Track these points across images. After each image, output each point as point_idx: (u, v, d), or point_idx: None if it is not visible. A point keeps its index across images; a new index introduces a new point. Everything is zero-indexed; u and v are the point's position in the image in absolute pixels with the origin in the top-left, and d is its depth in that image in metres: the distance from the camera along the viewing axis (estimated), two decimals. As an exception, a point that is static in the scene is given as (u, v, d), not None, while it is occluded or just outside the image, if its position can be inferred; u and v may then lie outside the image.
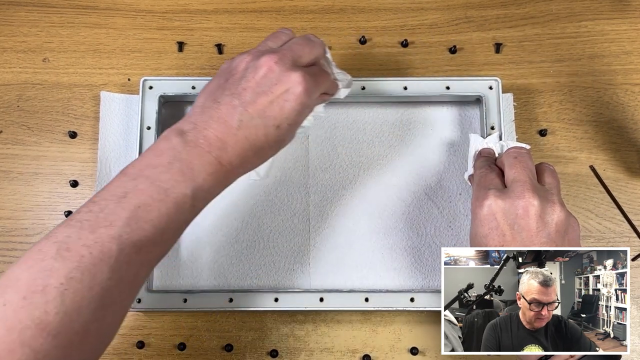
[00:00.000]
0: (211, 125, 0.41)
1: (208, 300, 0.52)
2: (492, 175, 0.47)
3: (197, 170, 0.40)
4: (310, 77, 0.44)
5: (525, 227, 0.43)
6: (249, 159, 0.42)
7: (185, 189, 0.39)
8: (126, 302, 0.40)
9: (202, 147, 0.40)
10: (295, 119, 0.43)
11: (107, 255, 0.36)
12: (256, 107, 0.42)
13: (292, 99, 0.42)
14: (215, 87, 0.44)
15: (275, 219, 0.55)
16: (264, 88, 0.42)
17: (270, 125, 0.42)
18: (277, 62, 0.43)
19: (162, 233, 0.39)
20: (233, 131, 0.41)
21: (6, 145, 0.58)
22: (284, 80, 0.42)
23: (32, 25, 0.61)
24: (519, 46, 0.61)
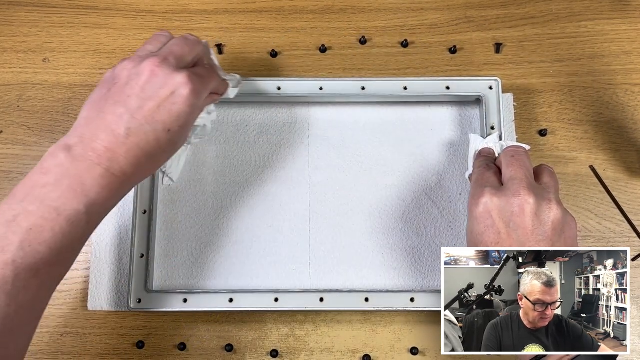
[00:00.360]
0: (99, 136, 0.40)
1: (208, 300, 0.52)
2: (489, 174, 0.47)
3: (88, 185, 0.39)
4: (196, 77, 0.43)
5: (520, 225, 0.42)
6: (142, 166, 0.42)
7: (77, 205, 0.38)
8: (29, 327, 0.39)
9: (92, 160, 0.39)
10: (186, 120, 0.43)
11: (3, 282, 0.35)
12: (144, 113, 0.41)
13: (180, 101, 0.42)
14: (99, 97, 0.43)
15: (275, 219, 0.55)
16: (150, 93, 0.42)
17: (160, 130, 0.41)
18: (159, 66, 0.42)
19: (59, 253, 0.38)
20: (122, 140, 0.40)
21: (6, 145, 0.58)
22: (169, 83, 0.42)
23: (32, 25, 0.61)
24: (519, 46, 0.61)
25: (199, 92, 0.43)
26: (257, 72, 0.60)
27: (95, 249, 0.54)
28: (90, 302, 0.53)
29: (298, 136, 0.58)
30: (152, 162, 0.43)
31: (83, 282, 0.54)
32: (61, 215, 0.38)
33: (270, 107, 0.58)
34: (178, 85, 0.42)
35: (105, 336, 0.53)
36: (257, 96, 0.56)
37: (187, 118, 0.43)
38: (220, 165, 0.57)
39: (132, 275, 0.52)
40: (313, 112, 0.58)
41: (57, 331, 0.53)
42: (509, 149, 0.48)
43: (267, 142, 0.57)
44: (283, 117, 0.58)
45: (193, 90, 0.43)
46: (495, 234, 0.43)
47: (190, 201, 0.56)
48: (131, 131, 0.41)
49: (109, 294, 0.53)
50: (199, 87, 0.43)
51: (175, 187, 0.56)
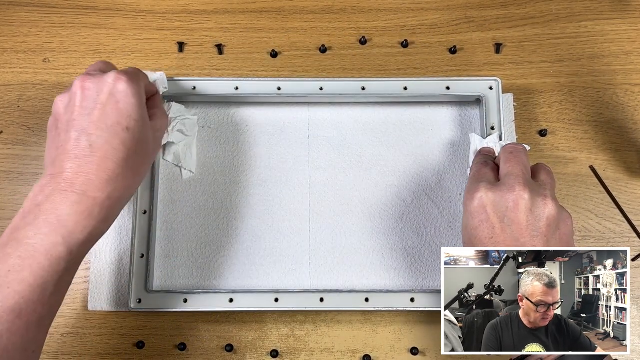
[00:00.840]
0: (65, 166, 0.40)
1: (208, 300, 0.52)
2: (486, 169, 0.47)
3: (64, 215, 0.39)
4: (124, 71, 0.44)
5: (515, 220, 0.42)
6: (120, 177, 0.41)
7: (55, 238, 0.38)
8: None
9: (64, 190, 0.39)
10: (139, 112, 0.43)
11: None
12: (95, 124, 0.41)
13: (122, 96, 0.42)
14: (51, 140, 0.43)
15: (275, 219, 0.55)
16: (90, 105, 0.42)
17: (120, 131, 0.41)
18: (86, 79, 0.43)
19: (42, 290, 0.37)
20: (88, 159, 0.40)
21: (7, 145, 0.58)
22: (103, 87, 0.42)
23: (32, 25, 0.61)
24: (519, 46, 0.61)
25: (133, 80, 0.43)
26: (257, 72, 0.60)
27: (95, 249, 0.54)
28: (90, 302, 0.53)
29: (298, 136, 0.58)
30: (130, 168, 0.42)
31: (83, 282, 0.54)
32: (38, 251, 0.37)
33: (270, 107, 0.58)
34: (112, 83, 0.42)
35: (105, 336, 0.53)
36: (257, 96, 0.56)
37: (139, 110, 0.43)
38: (220, 165, 0.57)
39: (132, 276, 0.52)
40: (313, 112, 0.58)
41: (57, 331, 0.53)
42: (508, 145, 0.48)
43: (267, 142, 0.57)
44: (283, 117, 0.58)
45: (129, 81, 0.43)
46: (489, 228, 0.43)
47: (190, 201, 0.56)
48: (93, 146, 0.40)
49: (109, 294, 0.53)
50: (131, 76, 0.44)
51: (175, 187, 0.56)
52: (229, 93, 0.56)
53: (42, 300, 0.38)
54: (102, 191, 0.40)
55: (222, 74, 0.60)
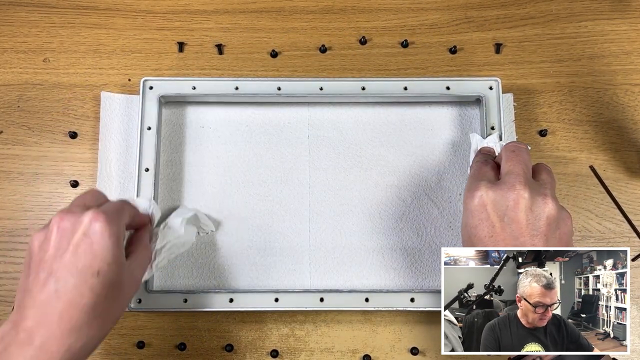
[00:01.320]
0: (27, 314, 0.38)
1: (208, 300, 0.52)
2: (486, 168, 0.47)
3: (10, 355, 0.36)
4: (104, 209, 0.41)
5: (514, 218, 0.42)
6: (85, 327, 0.38)
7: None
8: None
9: (22, 343, 0.37)
10: (114, 254, 0.39)
11: None
12: (65, 266, 0.38)
13: (97, 237, 0.39)
14: (23, 279, 0.40)
15: (275, 219, 0.55)
16: (64, 245, 0.39)
17: (89, 276, 0.38)
18: (64, 217, 0.40)
19: None
20: (52, 306, 0.37)
21: (7, 145, 0.58)
22: (78, 227, 0.39)
23: (32, 25, 0.61)
24: (519, 46, 0.61)
25: (112, 219, 0.40)
26: (257, 72, 0.60)
27: (95, 249, 0.54)
28: (91, 302, 0.53)
29: (298, 136, 0.58)
30: (97, 316, 0.39)
31: (83, 282, 0.54)
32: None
33: (270, 107, 0.58)
34: (88, 224, 0.39)
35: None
36: (257, 96, 0.56)
37: (114, 251, 0.39)
38: (220, 165, 0.57)
39: (132, 275, 0.52)
40: (313, 112, 0.58)
41: (57, 331, 0.53)
42: (510, 144, 0.47)
43: (267, 142, 0.57)
44: (283, 117, 0.58)
45: (106, 220, 0.39)
46: (489, 227, 0.43)
47: (190, 201, 0.56)
48: (59, 291, 0.38)
49: (109, 294, 0.53)
50: (112, 215, 0.40)
51: (175, 187, 0.56)
52: (229, 93, 0.56)
53: None
54: (62, 344, 0.37)
55: (222, 74, 0.60)
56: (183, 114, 0.58)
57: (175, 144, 0.57)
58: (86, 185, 0.56)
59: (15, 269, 0.54)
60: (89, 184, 0.56)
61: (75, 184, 0.56)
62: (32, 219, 0.56)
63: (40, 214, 0.56)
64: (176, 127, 0.58)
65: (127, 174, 0.56)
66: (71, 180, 0.56)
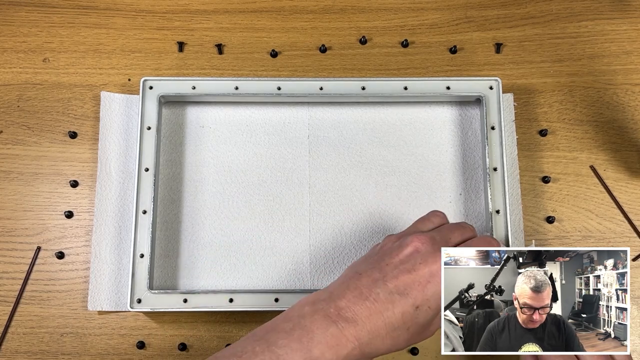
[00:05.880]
0: (346, 294, 0.40)
1: (208, 300, 0.52)
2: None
3: (316, 341, 0.38)
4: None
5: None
6: (381, 337, 0.39)
7: (297, 358, 0.37)
8: None
9: (330, 317, 0.39)
10: (437, 304, 0.41)
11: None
12: (397, 282, 0.40)
13: (437, 281, 0.40)
14: (361, 261, 0.43)
15: (275, 219, 0.55)
16: (408, 266, 0.41)
17: (409, 304, 0.40)
18: (424, 243, 0.42)
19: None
20: (368, 304, 0.39)
21: (6, 145, 0.58)
22: (430, 262, 0.41)
23: (32, 25, 0.61)
24: (519, 46, 0.61)
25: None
26: (257, 72, 0.60)
27: (95, 249, 0.54)
28: (90, 302, 0.53)
29: (298, 136, 0.58)
30: (390, 337, 0.40)
31: (83, 282, 0.54)
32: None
33: (270, 107, 0.58)
34: (437, 267, 0.41)
35: (105, 336, 0.53)
36: (257, 96, 0.56)
37: (438, 302, 0.41)
38: (220, 165, 0.57)
39: (132, 276, 0.52)
40: (313, 112, 0.58)
41: (57, 331, 0.53)
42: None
43: (267, 142, 0.57)
44: (283, 117, 0.58)
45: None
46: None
47: (190, 201, 0.56)
48: (379, 297, 0.39)
49: (109, 294, 0.53)
50: None
51: (175, 187, 0.56)
52: (228, 93, 0.56)
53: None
54: (358, 339, 0.39)
55: (222, 73, 0.60)
56: (183, 113, 0.58)
57: (175, 144, 0.57)
58: (86, 185, 0.56)
59: (15, 268, 0.54)
60: (88, 184, 0.56)
61: (75, 183, 0.56)
62: (32, 219, 0.56)
63: (40, 214, 0.56)
64: (176, 127, 0.58)
65: (127, 174, 0.56)
66: (71, 180, 0.56)
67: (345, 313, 0.39)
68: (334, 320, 0.39)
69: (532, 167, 0.57)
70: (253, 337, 0.39)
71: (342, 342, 0.38)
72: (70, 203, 0.56)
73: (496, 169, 0.54)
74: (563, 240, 0.55)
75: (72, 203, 0.56)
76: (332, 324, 0.38)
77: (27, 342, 0.53)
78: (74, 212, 0.56)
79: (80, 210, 0.56)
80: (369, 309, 0.39)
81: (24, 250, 0.55)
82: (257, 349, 0.38)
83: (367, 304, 0.39)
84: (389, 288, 0.40)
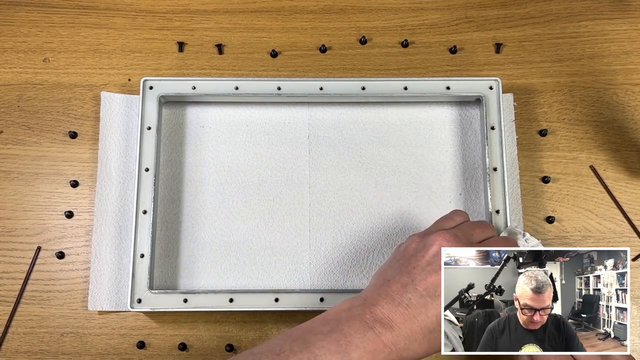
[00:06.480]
0: (379, 302, 0.40)
1: (208, 300, 0.52)
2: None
3: (354, 345, 0.38)
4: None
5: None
6: (417, 342, 0.40)
7: (335, 359, 0.38)
8: None
9: (366, 322, 0.39)
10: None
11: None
12: (426, 284, 0.41)
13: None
14: (387, 267, 0.44)
15: (275, 219, 0.55)
16: (435, 266, 0.41)
17: (437, 308, 0.40)
18: (448, 240, 0.42)
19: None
20: (401, 310, 0.40)
21: (7, 145, 0.58)
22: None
23: (32, 25, 0.61)
24: (519, 46, 0.61)
25: None
26: (257, 72, 0.60)
27: (95, 249, 0.54)
28: (90, 302, 0.53)
29: (298, 136, 0.58)
30: (427, 340, 0.41)
31: (83, 282, 0.54)
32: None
33: (270, 107, 0.58)
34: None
35: (105, 336, 0.53)
36: (257, 96, 0.56)
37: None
38: (220, 165, 0.57)
39: (132, 275, 0.52)
40: (313, 112, 0.58)
41: (57, 331, 0.53)
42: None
43: (267, 142, 0.57)
44: (283, 117, 0.58)
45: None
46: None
47: (190, 201, 0.56)
48: (412, 302, 0.40)
49: (109, 294, 0.53)
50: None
51: (175, 187, 0.56)
52: (228, 93, 0.56)
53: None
54: (395, 344, 0.39)
55: (222, 73, 0.60)
56: (183, 113, 0.58)
57: (175, 144, 0.57)
58: (86, 185, 0.56)
59: (15, 268, 0.54)
60: (88, 184, 0.56)
61: (75, 183, 0.56)
62: (32, 219, 0.56)
63: (40, 214, 0.56)
64: (176, 127, 0.58)
65: (127, 174, 0.56)
66: (71, 180, 0.56)
67: (382, 319, 0.40)
68: (370, 325, 0.39)
69: (532, 167, 0.57)
70: (290, 336, 0.40)
71: (379, 347, 0.39)
72: (70, 203, 0.56)
73: (496, 169, 0.54)
74: (563, 240, 0.55)
75: (72, 203, 0.56)
76: (369, 329, 0.39)
77: (27, 342, 0.53)
78: (74, 212, 0.56)
79: (81, 210, 0.56)
80: (403, 315, 0.40)
81: (24, 250, 0.55)
82: (295, 349, 0.38)
83: (400, 309, 0.40)
84: (420, 292, 0.40)
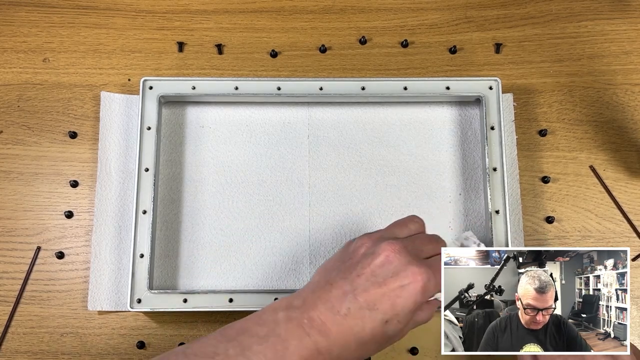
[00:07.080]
0: (318, 306, 0.39)
1: (208, 300, 0.52)
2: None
3: (290, 351, 0.38)
4: (432, 273, 0.41)
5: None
6: (350, 350, 0.40)
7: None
8: None
9: (303, 328, 0.39)
10: (406, 317, 0.40)
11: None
12: (367, 296, 0.39)
13: (406, 295, 0.40)
14: (332, 267, 0.43)
15: (275, 219, 0.55)
16: (379, 278, 0.40)
17: (378, 319, 0.39)
18: (396, 252, 0.41)
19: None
20: (339, 319, 0.39)
21: (6, 145, 0.58)
22: (401, 275, 0.40)
23: (32, 25, 0.61)
24: (519, 46, 0.61)
25: (427, 290, 0.40)
26: (257, 72, 0.60)
27: (95, 249, 0.54)
28: (90, 302, 0.53)
29: (298, 136, 0.58)
30: (359, 350, 0.40)
31: (83, 282, 0.54)
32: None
33: (270, 107, 0.58)
34: (409, 280, 0.40)
35: (105, 336, 0.53)
36: (257, 96, 0.56)
37: (408, 314, 0.40)
38: (220, 165, 0.57)
39: (132, 275, 0.52)
40: (313, 112, 0.58)
41: (57, 331, 0.53)
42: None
43: (267, 142, 0.57)
44: (283, 117, 0.58)
45: (423, 288, 0.40)
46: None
47: (190, 201, 0.56)
48: (350, 312, 0.39)
49: (109, 294, 0.53)
50: (431, 285, 0.41)
51: (175, 187, 0.56)
52: (228, 93, 0.56)
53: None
54: (330, 353, 0.39)
55: (222, 73, 0.60)
56: (183, 113, 0.58)
57: (175, 143, 0.57)
58: (86, 185, 0.56)
59: (15, 268, 0.54)
60: (88, 184, 0.56)
61: (75, 183, 0.56)
62: (31, 219, 0.56)
63: (40, 214, 0.56)
64: (176, 127, 0.58)
65: (127, 174, 0.56)
66: (71, 180, 0.56)
67: (318, 325, 0.39)
68: (307, 332, 0.38)
69: (531, 167, 0.57)
70: (225, 337, 0.39)
71: (314, 355, 0.38)
72: (70, 203, 0.56)
73: (496, 169, 0.54)
74: (563, 240, 0.55)
75: (72, 203, 0.56)
76: (305, 335, 0.38)
77: (27, 342, 0.53)
78: (74, 212, 0.56)
79: (80, 210, 0.56)
80: (340, 324, 0.39)
81: (24, 250, 0.55)
82: (230, 352, 0.38)
83: (338, 318, 0.39)
84: (360, 303, 0.39)
